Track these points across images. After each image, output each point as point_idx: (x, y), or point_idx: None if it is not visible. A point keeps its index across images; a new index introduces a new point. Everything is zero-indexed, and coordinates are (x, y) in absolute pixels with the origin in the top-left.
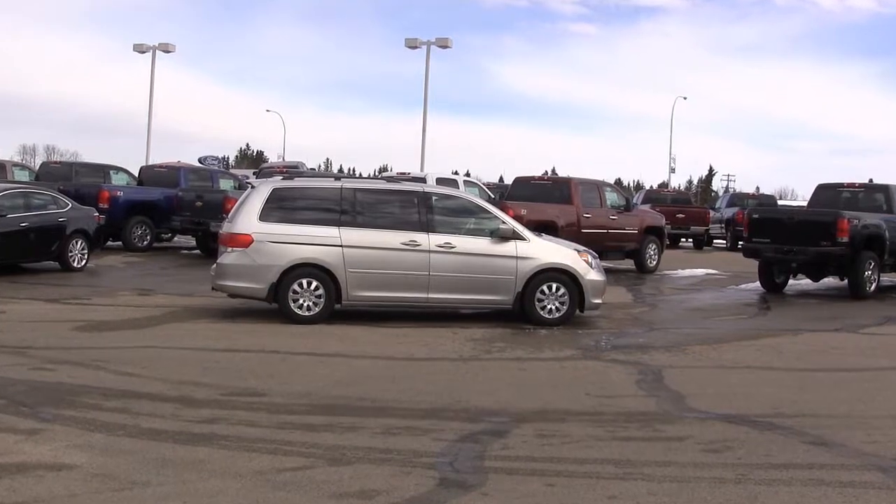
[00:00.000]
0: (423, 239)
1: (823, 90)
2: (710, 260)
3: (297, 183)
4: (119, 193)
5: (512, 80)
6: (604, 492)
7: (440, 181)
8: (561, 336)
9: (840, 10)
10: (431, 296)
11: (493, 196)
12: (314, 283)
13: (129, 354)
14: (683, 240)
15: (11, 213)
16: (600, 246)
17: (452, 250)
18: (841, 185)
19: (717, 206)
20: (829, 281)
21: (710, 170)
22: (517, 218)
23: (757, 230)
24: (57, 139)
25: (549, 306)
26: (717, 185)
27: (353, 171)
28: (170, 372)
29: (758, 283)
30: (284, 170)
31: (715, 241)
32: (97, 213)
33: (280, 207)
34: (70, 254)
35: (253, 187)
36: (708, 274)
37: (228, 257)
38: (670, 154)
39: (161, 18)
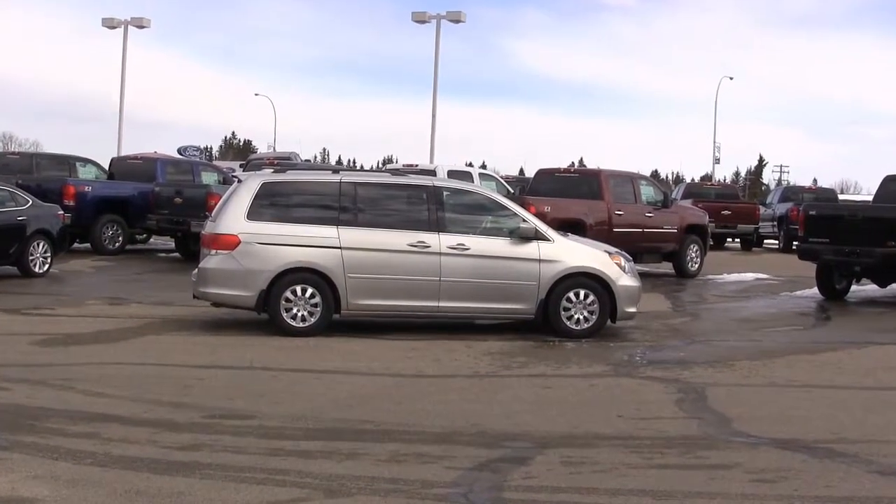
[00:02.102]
0: (433, 240)
1: (892, 69)
2: (760, 263)
3: (290, 176)
4: (87, 189)
5: (533, 59)
6: None
7: (452, 174)
8: (590, 350)
9: None
10: (443, 304)
11: (512, 191)
12: (309, 291)
13: (99, 372)
14: (730, 240)
15: None
16: (634, 247)
17: (466, 252)
18: None
19: (768, 201)
20: None
21: (761, 160)
22: (540, 215)
23: (814, 229)
24: (15, 127)
25: (576, 316)
26: (769, 177)
27: (354, 163)
28: (145, 392)
29: (815, 290)
30: (275, 161)
31: (766, 241)
32: (62, 212)
33: (270, 204)
34: (31, 257)
35: (240, 181)
36: (758, 279)
37: (212, 261)
38: (714, 142)
39: None
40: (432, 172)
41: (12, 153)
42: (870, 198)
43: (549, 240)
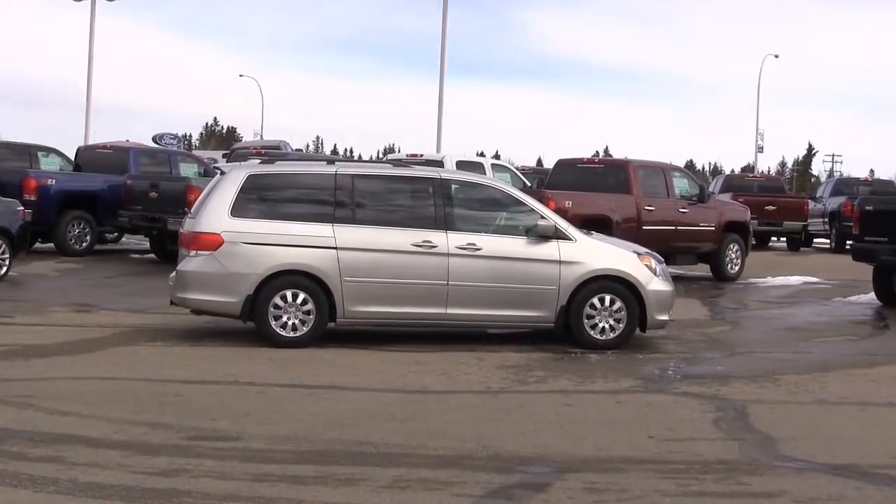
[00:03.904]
0: (439, 239)
1: None
2: (808, 264)
3: (280, 168)
4: (50, 182)
5: (553, 35)
6: None
7: (462, 165)
8: (617, 363)
9: None
10: (451, 311)
11: (529, 184)
12: (301, 296)
13: (64, 387)
14: (774, 239)
15: None
16: (667, 247)
17: (477, 253)
18: None
19: (818, 195)
20: None
21: (810, 149)
22: (560, 211)
23: (871, 226)
24: None
25: (601, 324)
26: (819, 168)
27: (351, 153)
28: (116, 409)
29: (872, 295)
30: (263, 151)
31: (815, 240)
32: (22, 207)
33: (257, 199)
34: None
35: (222, 173)
36: (806, 283)
37: (191, 263)
38: (757, 129)
39: None
40: (439, 163)
41: None
42: None
43: (570, 239)
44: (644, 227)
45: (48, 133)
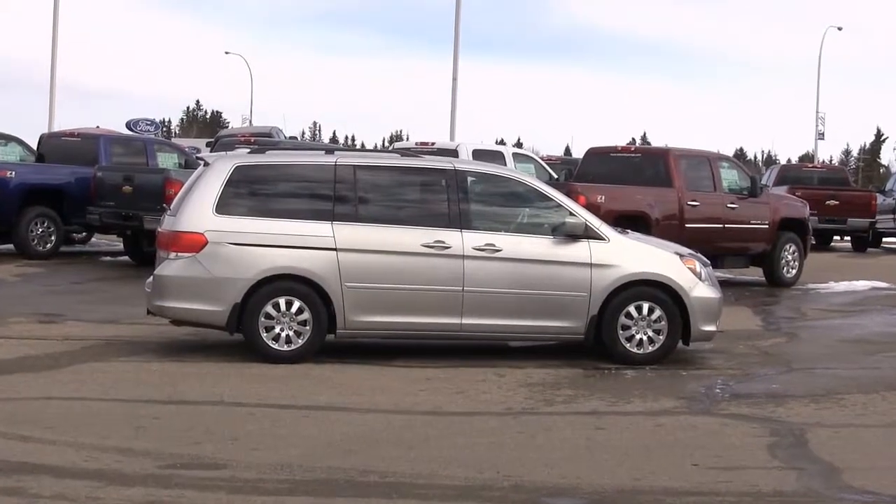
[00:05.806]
0: (454, 239)
1: None
2: (877, 267)
3: (271, 158)
4: (9, 174)
5: (582, 7)
6: None
7: (479, 155)
8: (656, 380)
9: None
10: (467, 322)
11: (555, 176)
12: (296, 304)
13: (26, 409)
14: (837, 238)
15: None
16: (713, 247)
17: (497, 255)
18: None
19: (887, 188)
20: None
21: (878, 135)
22: (591, 207)
23: None
24: None
25: (638, 336)
26: (889, 157)
27: (353, 141)
28: (85, 434)
29: None
30: (252, 139)
31: (884, 239)
32: None
33: (246, 194)
34: None
35: (206, 165)
36: (874, 288)
37: (171, 266)
38: (817, 113)
39: None
40: (453, 153)
41: None
42: None
43: (603, 238)
44: (687, 226)
45: (7, 119)
